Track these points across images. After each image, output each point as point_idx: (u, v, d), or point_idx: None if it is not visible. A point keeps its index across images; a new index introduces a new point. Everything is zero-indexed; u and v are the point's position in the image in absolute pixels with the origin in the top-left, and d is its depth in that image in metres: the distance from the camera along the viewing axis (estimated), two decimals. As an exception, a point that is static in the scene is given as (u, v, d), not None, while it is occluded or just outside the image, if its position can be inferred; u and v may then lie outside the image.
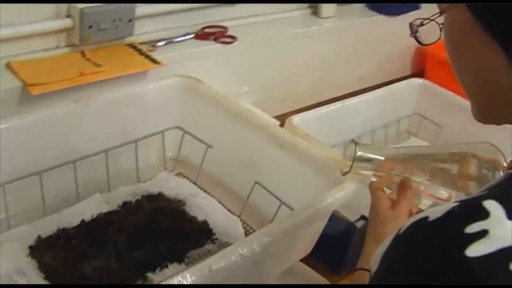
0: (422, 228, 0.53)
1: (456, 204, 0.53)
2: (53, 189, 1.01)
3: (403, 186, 0.90)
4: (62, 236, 0.97)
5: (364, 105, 1.46)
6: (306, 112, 1.36)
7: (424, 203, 0.94)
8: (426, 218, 0.53)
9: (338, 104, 1.41)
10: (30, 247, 0.95)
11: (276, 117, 1.56)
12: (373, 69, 1.85)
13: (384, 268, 0.55)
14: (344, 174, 0.91)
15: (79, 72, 1.16)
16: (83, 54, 1.22)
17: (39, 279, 0.89)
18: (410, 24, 0.69)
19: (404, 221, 0.86)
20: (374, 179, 0.93)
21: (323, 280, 1.05)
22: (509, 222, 0.50)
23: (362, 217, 1.16)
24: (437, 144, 1.48)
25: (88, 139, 1.05)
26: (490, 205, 0.52)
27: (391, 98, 1.52)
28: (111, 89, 1.20)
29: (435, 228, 0.52)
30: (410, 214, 0.94)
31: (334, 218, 1.22)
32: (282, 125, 1.33)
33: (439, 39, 0.66)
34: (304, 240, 0.96)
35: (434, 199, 0.93)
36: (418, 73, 1.91)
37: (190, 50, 1.34)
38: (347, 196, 0.94)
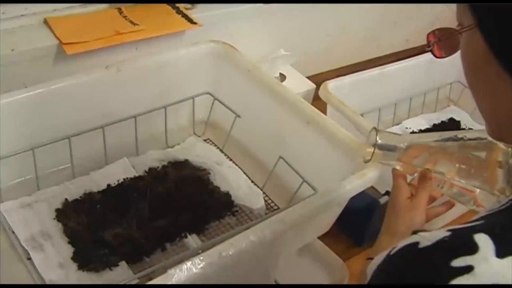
0: (410, 254, 0.54)
1: (447, 233, 0.53)
2: (82, 151, 1.02)
3: (423, 177, 0.90)
4: (88, 201, 0.99)
5: (404, 72, 1.43)
6: (342, 77, 1.34)
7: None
8: (416, 244, 0.54)
9: (375, 70, 1.38)
10: (57, 210, 0.97)
11: (314, 76, 1.56)
12: (419, 33, 1.81)
13: (374, 283, 0.57)
14: (366, 161, 0.91)
15: (115, 31, 1.16)
16: (120, 11, 1.22)
17: (63, 243, 0.92)
18: (428, 36, 0.67)
19: (419, 214, 0.88)
20: (398, 167, 0.92)
21: (337, 260, 1.06)
22: (495, 259, 0.51)
23: (387, 193, 1.16)
24: (464, 130, 1.45)
25: (119, 104, 1.05)
26: (480, 239, 0.52)
27: (432, 64, 1.48)
28: (146, 49, 1.21)
29: (423, 257, 0.53)
30: (432, 201, 0.94)
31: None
32: (318, 86, 1.32)
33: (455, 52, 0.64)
34: (319, 224, 0.97)
35: (459, 189, 0.92)
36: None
37: (229, 9, 1.33)
38: (366, 184, 0.93)
